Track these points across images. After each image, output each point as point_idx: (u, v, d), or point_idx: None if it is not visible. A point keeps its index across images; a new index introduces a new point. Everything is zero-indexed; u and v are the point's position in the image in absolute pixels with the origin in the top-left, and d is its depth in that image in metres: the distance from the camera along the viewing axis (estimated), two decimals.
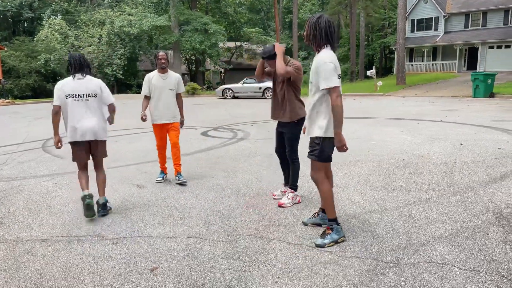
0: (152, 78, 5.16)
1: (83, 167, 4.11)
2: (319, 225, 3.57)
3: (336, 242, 3.20)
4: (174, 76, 5.24)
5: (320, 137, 3.16)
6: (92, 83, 4.02)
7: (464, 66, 32.66)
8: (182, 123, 5.37)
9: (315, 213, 3.69)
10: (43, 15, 37.02)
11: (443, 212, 3.84)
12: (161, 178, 5.38)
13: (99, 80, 4.11)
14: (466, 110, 12.90)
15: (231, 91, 23.66)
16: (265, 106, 17.64)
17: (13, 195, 4.94)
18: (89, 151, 4.12)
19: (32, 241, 3.49)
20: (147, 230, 3.65)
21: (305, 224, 3.63)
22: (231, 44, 38.53)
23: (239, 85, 23.72)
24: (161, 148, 5.37)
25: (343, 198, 4.39)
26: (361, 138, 8.22)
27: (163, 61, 5.09)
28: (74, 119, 3.97)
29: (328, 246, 3.16)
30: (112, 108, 4.17)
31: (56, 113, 3.98)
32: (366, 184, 4.92)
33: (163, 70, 5.16)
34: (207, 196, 4.63)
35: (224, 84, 28.03)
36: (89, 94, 3.98)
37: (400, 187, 4.72)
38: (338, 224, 3.29)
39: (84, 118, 3.98)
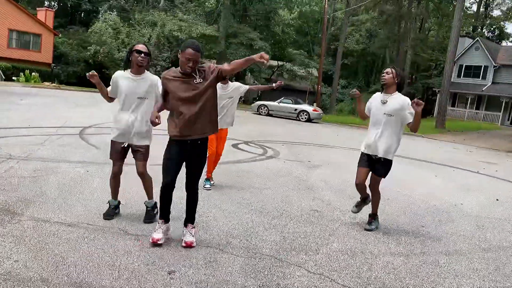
0: None
1: None
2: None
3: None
4: None
5: (391, 160, 4.33)
6: None
7: (508, 120, 31.61)
8: None
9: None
10: (100, 9, 38.69)
11: (472, 268, 3.67)
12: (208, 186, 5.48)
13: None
14: (506, 165, 12.39)
15: (266, 108, 23.78)
16: (298, 128, 17.61)
17: (47, 175, 5.11)
18: None
19: (58, 224, 3.58)
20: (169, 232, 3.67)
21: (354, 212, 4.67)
22: (274, 62, 38.89)
23: (275, 103, 23.82)
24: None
25: (368, 235, 4.28)
26: (393, 176, 8.01)
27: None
28: None
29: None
30: None
31: None
32: (393, 224, 4.78)
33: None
34: (231, 209, 4.63)
35: (260, 100, 28.12)
36: None
37: (428, 234, 4.55)
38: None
39: None
